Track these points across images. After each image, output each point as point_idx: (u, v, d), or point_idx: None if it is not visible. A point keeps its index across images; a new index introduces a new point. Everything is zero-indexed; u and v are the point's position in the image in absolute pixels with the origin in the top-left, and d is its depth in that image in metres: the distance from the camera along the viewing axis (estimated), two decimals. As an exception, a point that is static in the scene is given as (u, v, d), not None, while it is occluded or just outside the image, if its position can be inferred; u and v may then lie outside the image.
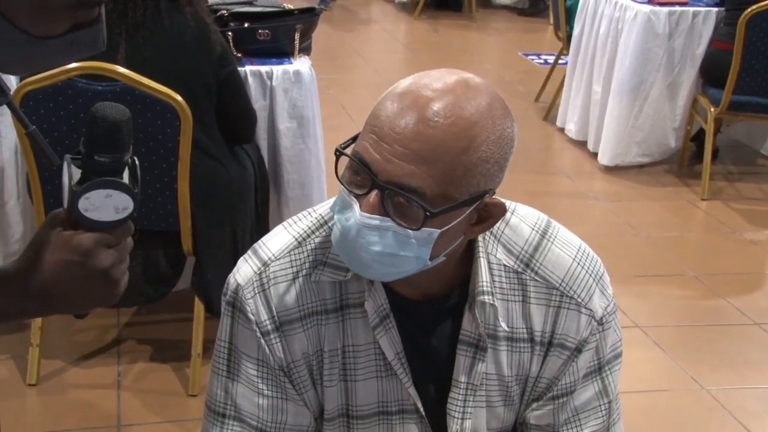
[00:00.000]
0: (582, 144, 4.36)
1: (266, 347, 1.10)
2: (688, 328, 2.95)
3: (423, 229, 0.98)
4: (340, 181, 1.02)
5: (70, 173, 0.90)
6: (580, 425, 1.17)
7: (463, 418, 1.14)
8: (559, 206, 3.74)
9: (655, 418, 2.47)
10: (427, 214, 0.97)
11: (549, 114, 4.78)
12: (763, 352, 2.81)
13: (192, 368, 2.39)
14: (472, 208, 1.01)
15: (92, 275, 0.89)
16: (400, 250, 0.99)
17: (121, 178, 0.89)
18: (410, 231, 0.98)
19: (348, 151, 1.02)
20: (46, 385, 2.40)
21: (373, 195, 0.98)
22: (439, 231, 0.99)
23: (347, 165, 1.02)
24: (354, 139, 1.02)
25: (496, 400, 1.15)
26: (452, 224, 1.00)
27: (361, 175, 1.00)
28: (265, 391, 1.12)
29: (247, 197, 2.51)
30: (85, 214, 0.88)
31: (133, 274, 2.66)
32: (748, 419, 2.47)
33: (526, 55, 6.25)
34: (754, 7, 3.53)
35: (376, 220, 0.98)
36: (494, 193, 1.03)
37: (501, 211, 1.05)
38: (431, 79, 1.00)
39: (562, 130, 4.55)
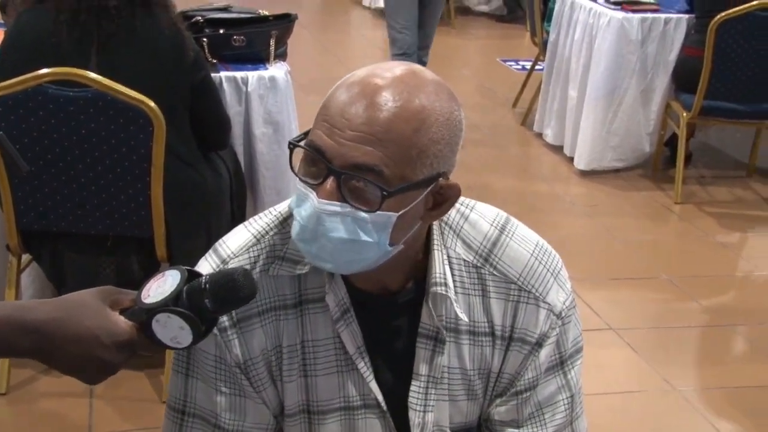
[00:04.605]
0: (559, 149, 4.40)
1: (223, 344, 1.11)
2: (660, 330, 2.98)
3: (381, 212, 1.00)
4: (295, 174, 1.03)
5: (172, 281, 0.95)
6: (544, 420, 1.18)
7: (425, 411, 1.15)
8: (537, 211, 3.77)
9: (627, 419, 2.50)
10: (384, 193, 0.98)
11: (526, 119, 4.81)
12: (734, 352, 2.85)
13: (166, 375, 2.39)
14: (428, 190, 1.03)
15: (103, 361, 0.94)
16: (360, 235, 1.01)
17: (203, 325, 0.95)
18: (369, 214, 1.00)
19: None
20: (17, 394, 2.38)
21: (330, 181, 0.99)
22: (396, 214, 1.01)
23: (302, 158, 1.04)
24: (307, 133, 1.04)
25: (459, 394, 1.17)
26: (409, 207, 1.02)
27: (317, 164, 1.01)
28: (223, 389, 1.13)
29: (222, 203, 2.51)
30: (153, 322, 0.93)
31: (106, 280, 2.65)
32: (718, 419, 2.50)
33: (505, 61, 6.29)
34: (722, 14, 3.58)
35: (334, 206, 1.00)
36: (448, 177, 1.05)
37: (456, 193, 1.06)
38: (380, 70, 1.03)
39: (539, 135, 4.58)
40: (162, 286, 0.95)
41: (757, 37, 3.63)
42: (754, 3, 3.57)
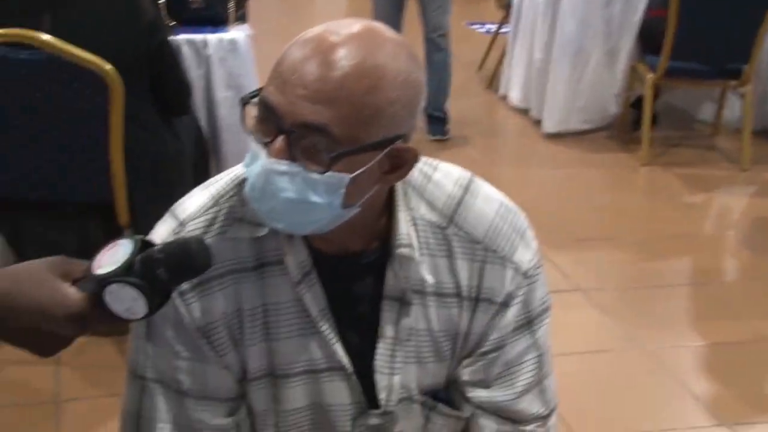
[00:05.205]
0: (525, 111, 4.39)
1: (183, 308, 1.08)
2: (628, 290, 3.00)
3: (332, 173, 0.97)
4: (247, 131, 1.00)
5: (124, 251, 0.91)
6: (512, 379, 1.18)
7: (391, 374, 1.13)
8: (504, 173, 3.77)
9: (596, 378, 2.51)
10: (334, 154, 0.96)
11: (492, 83, 4.79)
12: (699, 310, 2.88)
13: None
14: (383, 153, 1.00)
15: (53, 333, 0.90)
16: (310, 195, 0.98)
17: (158, 296, 0.92)
18: (318, 175, 0.97)
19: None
20: (-22, 363, 2.34)
21: (280, 140, 0.96)
22: (349, 176, 0.98)
23: (255, 115, 1.01)
24: (260, 90, 1.00)
25: (427, 356, 1.15)
26: (362, 170, 0.99)
27: (268, 122, 0.98)
28: (183, 354, 1.10)
29: (183, 169, 2.46)
30: (105, 293, 0.89)
31: (69, 248, 2.60)
32: (685, 376, 2.53)
33: (471, 24, 6.24)
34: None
35: (283, 165, 0.97)
36: (406, 140, 1.02)
37: (414, 157, 1.03)
38: (337, 27, 0.99)
39: (504, 98, 4.56)
40: (114, 256, 0.91)
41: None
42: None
